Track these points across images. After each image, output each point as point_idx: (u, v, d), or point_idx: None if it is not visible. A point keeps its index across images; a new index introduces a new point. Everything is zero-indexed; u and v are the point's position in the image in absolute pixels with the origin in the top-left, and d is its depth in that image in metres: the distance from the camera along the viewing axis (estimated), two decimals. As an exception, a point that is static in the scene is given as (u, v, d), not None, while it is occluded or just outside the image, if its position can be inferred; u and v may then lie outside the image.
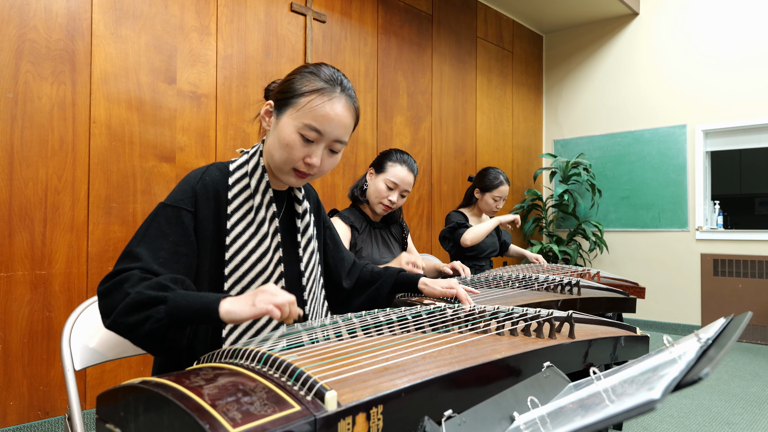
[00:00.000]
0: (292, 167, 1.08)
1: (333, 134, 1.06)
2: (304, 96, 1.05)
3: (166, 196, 1.05)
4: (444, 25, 4.58)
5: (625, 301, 1.91)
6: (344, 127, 1.08)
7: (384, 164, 2.06)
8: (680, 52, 4.99)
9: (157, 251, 0.97)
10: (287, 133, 1.05)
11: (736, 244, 4.65)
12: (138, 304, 0.86)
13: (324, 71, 1.08)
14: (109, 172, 2.59)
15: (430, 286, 1.35)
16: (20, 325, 2.32)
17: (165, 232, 1.00)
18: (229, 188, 1.08)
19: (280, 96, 1.09)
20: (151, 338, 0.87)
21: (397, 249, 2.22)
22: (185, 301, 0.87)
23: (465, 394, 0.74)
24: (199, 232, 1.04)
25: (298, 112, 1.05)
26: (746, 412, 2.81)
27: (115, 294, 0.90)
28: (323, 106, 1.04)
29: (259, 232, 1.08)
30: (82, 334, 1.17)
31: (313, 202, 1.30)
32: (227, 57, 3.06)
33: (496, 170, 2.79)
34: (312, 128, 1.04)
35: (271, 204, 1.11)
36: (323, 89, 1.05)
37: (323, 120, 1.04)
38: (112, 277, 0.92)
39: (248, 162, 1.12)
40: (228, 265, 1.05)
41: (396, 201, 2.05)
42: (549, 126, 5.88)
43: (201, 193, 1.05)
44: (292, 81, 1.08)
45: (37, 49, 2.38)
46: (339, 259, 1.35)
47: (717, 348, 0.57)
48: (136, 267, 0.93)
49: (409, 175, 2.06)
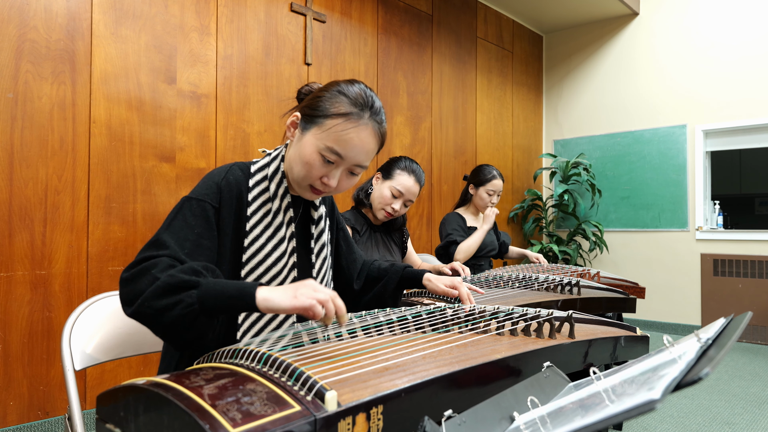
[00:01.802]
0: (309, 184, 1.08)
1: (354, 160, 1.06)
2: (330, 118, 1.03)
3: (190, 191, 1.05)
4: (444, 25, 4.58)
5: (625, 301, 1.91)
6: (366, 153, 1.07)
7: (392, 171, 2.04)
8: (680, 52, 4.99)
9: (182, 242, 0.96)
10: (309, 152, 1.05)
11: (736, 244, 4.65)
12: (169, 287, 0.84)
13: (353, 92, 1.05)
14: (109, 172, 2.59)
15: (434, 282, 1.35)
16: (20, 325, 2.32)
17: (190, 224, 0.99)
18: (250, 190, 1.09)
19: (308, 111, 1.07)
20: (178, 325, 0.84)
21: (397, 253, 2.21)
22: (219, 286, 0.85)
23: (465, 394, 0.74)
24: (221, 229, 1.04)
25: (323, 133, 1.04)
26: (746, 412, 2.81)
27: (142, 279, 0.87)
28: (348, 132, 1.03)
29: (276, 236, 1.08)
30: (82, 334, 1.17)
31: (327, 206, 1.30)
32: (227, 57, 3.06)
33: (490, 166, 2.84)
34: (334, 152, 1.04)
35: (288, 209, 1.12)
36: (350, 114, 1.03)
37: (346, 146, 1.03)
38: (139, 263, 0.90)
39: (269, 165, 1.12)
40: (244, 267, 1.05)
41: (399, 209, 2.03)
42: (549, 126, 5.88)
43: (225, 191, 1.05)
44: (321, 99, 1.06)
45: (37, 49, 2.38)
46: (351, 261, 1.36)
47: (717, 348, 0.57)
48: (164, 254, 0.92)
49: (415, 185, 2.04)
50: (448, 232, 2.72)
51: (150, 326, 0.87)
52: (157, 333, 0.87)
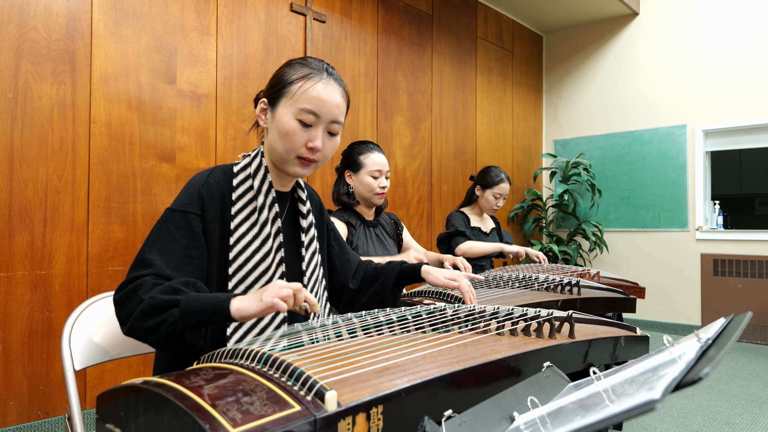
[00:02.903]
0: (296, 155, 1.10)
1: (329, 114, 1.10)
2: (294, 83, 1.09)
3: (172, 201, 1.07)
4: (444, 25, 4.58)
5: (625, 301, 1.91)
6: (338, 107, 1.11)
7: (357, 160, 2.11)
8: (680, 52, 4.99)
9: (168, 256, 0.99)
10: (285, 122, 1.08)
11: (736, 244, 4.65)
12: (152, 309, 0.89)
13: (309, 60, 1.13)
14: (109, 172, 2.59)
15: (434, 274, 1.33)
16: (20, 325, 2.32)
17: (175, 236, 1.02)
18: (233, 190, 1.10)
19: (272, 90, 1.12)
20: (168, 341, 0.90)
21: (392, 245, 2.24)
22: (197, 302, 0.89)
23: (465, 394, 0.74)
24: (207, 234, 1.05)
25: (292, 99, 1.08)
26: (746, 412, 2.81)
27: (130, 301, 0.93)
28: (315, 88, 1.08)
29: (262, 233, 1.09)
30: (82, 334, 1.17)
31: (316, 206, 1.30)
32: (227, 57, 3.06)
33: (497, 168, 2.85)
34: (308, 111, 1.08)
35: (273, 205, 1.12)
36: (311, 74, 1.09)
37: (317, 101, 1.08)
38: (126, 285, 0.95)
39: (251, 164, 1.13)
40: (232, 264, 1.06)
41: (386, 185, 2.12)
42: (549, 126, 5.88)
43: (207, 196, 1.07)
44: (280, 74, 1.12)
45: (37, 49, 2.38)
46: (345, 261, 1.35)
47: (717, 348, 0.57)
48: (149, 273, 0.96)
49: (383, 157, 2.13)
50: (456, 226, 2.75)
51: (145, 343, 0.93)
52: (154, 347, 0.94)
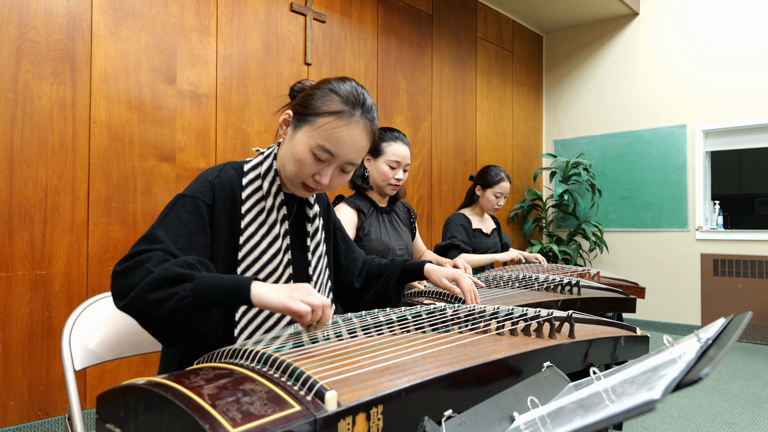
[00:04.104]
0: (302, 182, 1.08)
1: (346, 158, 1.06)
2: (322, 116, 1.03)
3: (183, 189, 1.05)
4: (444, 25, 4.58)
5: (625, 301, 1.91)
6: (358, 151, 1.06)
7: (379, 147, 2.07)
8: (680, 52, 4.99)
9: (175, 237, 0.97)
10: (300, 150, 1.05)
11: (736, 244, 4.65)
12: (164, 280, 0.84)
13: (345, 90, 1.05)
14: (109, 172, 2.59)
15: (436, 273, 1.34)
16: (20, 325, 2.32)
17: (183, 220, 1.00)
18: (243, 188, 1.09)
19: (300, 110, 1.08)
20: (171, 319, 0.84)
21: (406, 232, 2.22)
22: (214, 279, 0.85)
23: (465, 394, 0.74)
24: (214, 226, 1.04)
25: (314, 132, 1.04)
26: (746, 412, 2.81)
27: (135, 273, 0.87)
28: (339, 130, 1.03)
29: (271, 234, 1.09)
30: (82, 334, 1.17)
31: (323, 206, 1.30)
32: (227, 57, 3.06)
33: (497, 167, 2.83)
34: (325, 150, 1.04)
35: (281, 207, 1.12)
36: (342, 112, 1.03)
37: (338, 144, 1.03)
38: (132, 257, 0.90)
39: (262, 164, 1.12)
40: (240, 264, 1.06)
41: (402, 177, 2.07)
42: (549, 126, 5.88)
43: (218, 189, 1.06)
44: (312, 97, 1.06)
45: (37, 49, 2.38)
46: (351, 260, 1.35)
47: (717, 348, 0.57)
48: (158, 248, 0.92)
49: (406, 149, 2.08)
50: (453, 234, 2.71)
51: (142, 320, 0.87)
52: (148, 327, 0.87)
